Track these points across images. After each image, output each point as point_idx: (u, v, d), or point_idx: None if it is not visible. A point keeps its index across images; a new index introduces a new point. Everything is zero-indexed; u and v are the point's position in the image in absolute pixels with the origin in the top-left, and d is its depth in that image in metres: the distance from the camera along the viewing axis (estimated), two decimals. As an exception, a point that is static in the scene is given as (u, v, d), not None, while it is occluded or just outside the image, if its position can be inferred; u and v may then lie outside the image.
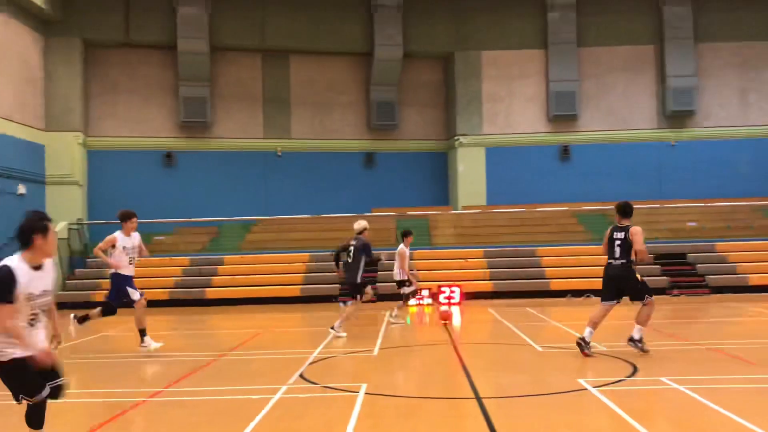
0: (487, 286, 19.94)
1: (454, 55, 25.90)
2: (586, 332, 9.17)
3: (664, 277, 19.72)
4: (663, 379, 7.41)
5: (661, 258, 20.60)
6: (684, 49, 25.19)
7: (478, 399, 6.82)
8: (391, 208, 24.43)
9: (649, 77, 25.78)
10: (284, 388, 7.50)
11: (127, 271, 10.27)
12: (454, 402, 7.04)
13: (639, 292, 9.15)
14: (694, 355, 9.39)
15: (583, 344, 9.11)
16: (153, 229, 22.66)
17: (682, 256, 20.95)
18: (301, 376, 8.21)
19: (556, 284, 19.70)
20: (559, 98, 25.40)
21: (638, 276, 9.21)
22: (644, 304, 9.14)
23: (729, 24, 25.45)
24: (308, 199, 24.77)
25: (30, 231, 4.56)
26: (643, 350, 9.08)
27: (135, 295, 10.21)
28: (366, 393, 7.11)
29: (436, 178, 26.74)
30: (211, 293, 20.20)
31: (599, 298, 9.49)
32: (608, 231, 9.33)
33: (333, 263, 12.28)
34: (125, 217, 10.29)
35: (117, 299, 10.28)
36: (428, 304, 17.92)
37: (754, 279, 19.48)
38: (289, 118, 26.03)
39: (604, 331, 12.20)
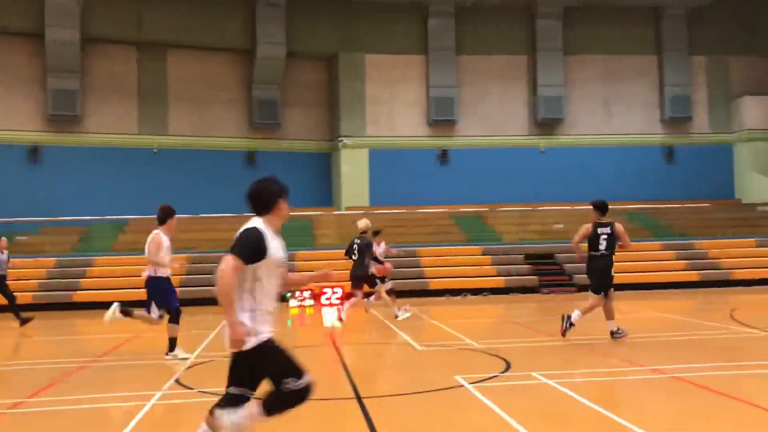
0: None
1: (338, 56, 26.00)
2: (574, 314, 10.24)
3: (535, 277, 20.70)
4: (534, 374, 7.76)
5: (531, 258, 21.62)
6: (554, 61, 26.60)
7: (359, 399, 6.87)
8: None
9: (522, 86, 27.00)
10: (158, 394, 7.22)
11: None
12: (334, 403, 7.05)
13: (609, 285, 10.26)
14: (563, 350, 9.91)
15: (566, 325, 10.21)
16: (16, 228, 21.21)
17: (551, 256, 22.08)
18: (176, 381, 7.94)
19: (434, 284, 20.19)
20: (439, 103, 26.09)
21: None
22: (608, 297, 10.28)
23: (595, 38, 27.12)
24: (186, 199, 23.93)
25: (275, 195, 4.38)
26: (622, 335, 10.06)
27: None
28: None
29: (320, 178, 26.72)
30: (79, 296, 19.12)
31: (484, 295, 9.79)
32: (589, 227, 10.35)
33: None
34: None
35: None
36: (310, 306, 17.85)
37: (617, 277, 20.74)
38: (166, 113, 25.15)
39: (478, 328, 12.65)
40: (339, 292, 18.15)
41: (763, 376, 7.75)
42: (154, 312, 9.30)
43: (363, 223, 13.42)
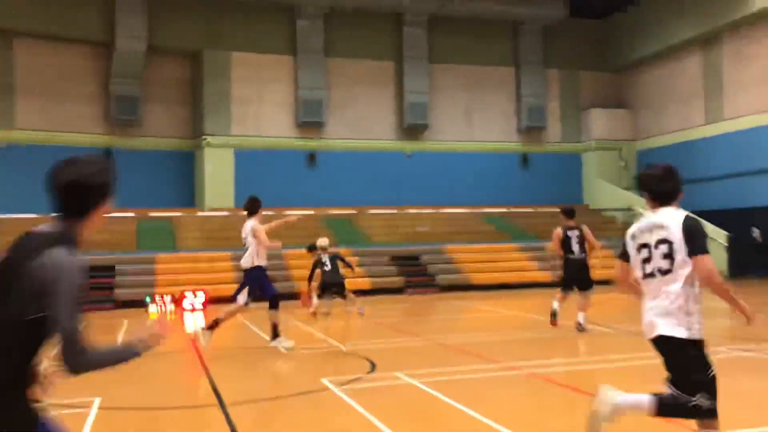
0: (232, 290, 19.62)
1: (203, 53, 25.28)
2: (555, 305, 11.31)
3: (401, 278, 21.13)
4: (398, 374, 7.91)
5: (397, 260, 22.07)
6: (420, 68, 27.32)
7: (222, 405, 6.70)
8: (131, 209, 23.00)
9: (390, 91, 27.51)
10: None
11: None
12: (196, 410, 6.84)
13: (589, 283, 11.17)
14: (426, 350, 10.18)
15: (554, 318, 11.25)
16: None
17: (416, 257, 22.64)
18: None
19: (303, 287, 20.02)
20: (308, 105, 26.03)
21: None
22: (588, 294, 11.10)
23: (458, 48, 28.13)
24: (35, 198, 22.35)
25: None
26: (585, 330, 10.89)
27: None
28: (100, 408, 6.62)
29: (182, 178, 25.84)
30: None
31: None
32: (559, 231, 11.33)
33: None
34: None
35: None
36: (171, 311, 17.21)
37: (476, 278, 21.69)
38: (13, 106, 23.37)
39: (345, 330, 12.72)
40: (201, 296, 17.62)
41: (608, 369, 8.35)
42: (243, 298, 9.81)
43: (325, 241, 14.48)
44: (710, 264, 3.80)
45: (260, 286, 9.94)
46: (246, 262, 10.07)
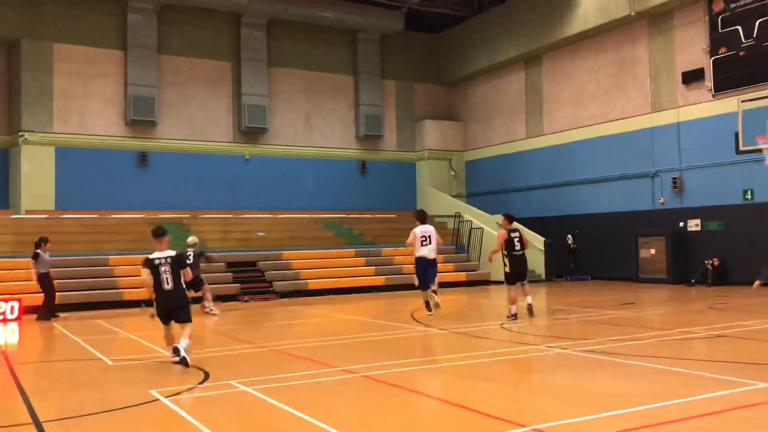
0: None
1: (21, 42, 23.30)
2: (513, 308, 12.85)
3: (236, 285, 20.70)
4: (233, 382, 7.74)
5: (233, 266, 21.60)
6: (258, 71, 26.99)
7: (37, 424, 6.19)
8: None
9: (227, 92, 26.90)
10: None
11: None
12: (6, 430, 6.26)
13: (526, 275, 13.37)
14: (261, 357, 10.05)
15: (512, 318, 12.77)
16: None
17: (253, 263, 22.28)
18: None
19: (129, 294, 19.02)
20: (138, 103, 24.78)
21: None
22: (527, 282, 13.41)
23: (298, 53, 28.13)
24: None
25: None
26: (514, 318, 12.78)
27: None
28: None
29: (-6, 177, 23.62)
30: None
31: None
32: (504, 233, 13.18)
33: None
34: None
35: None
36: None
37: (313, 284, 21.75)
38: None
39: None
40: (16, 305, 16.19)
41: (435, 369, 8.71)
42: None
43: (193, 239, 16.36)
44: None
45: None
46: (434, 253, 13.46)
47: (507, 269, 13.12)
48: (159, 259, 8.96)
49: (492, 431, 5.58)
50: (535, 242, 24.93)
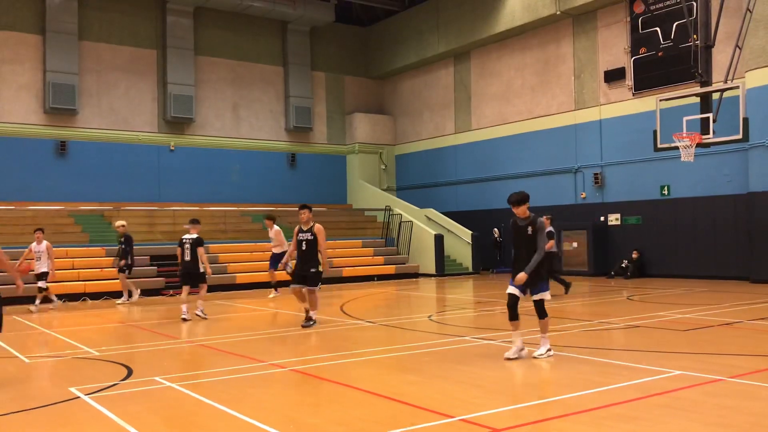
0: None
1: (-73, 22, 22.02)
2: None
3: (161, 278, 20.20)
4: (157, 378, 7.57)
5: (157, 259, 21.06)
6: (185, 59, 26.36)
7: (-53, 426, 5.89)
8: None
9: (151, 81, 26.17)
10: None
11: None
12: None
13: None
14: (186, 353, 9.85)
15: None
16: None
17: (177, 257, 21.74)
18: None
19: (54, 288, 18.23)
20: (57, 90, 23.82)
21: None
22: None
23: (225, 42, 27.63)
24: None
25: None
26: None
27: None
28: None
29: None
30: None
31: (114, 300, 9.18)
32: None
33: None
34: None
35: None
36: None
37: (241, 277, 21.45)
38: None
39: (98, 335, 11.88)
40: None
41: (366, 361, 8.74)
42: None
43: (120, 222, 17.90)
44: None
45: None
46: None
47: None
48: (185, 239, 13.50)
49: (420, 423, 5.65)
50: (462, 235, 25.31)
